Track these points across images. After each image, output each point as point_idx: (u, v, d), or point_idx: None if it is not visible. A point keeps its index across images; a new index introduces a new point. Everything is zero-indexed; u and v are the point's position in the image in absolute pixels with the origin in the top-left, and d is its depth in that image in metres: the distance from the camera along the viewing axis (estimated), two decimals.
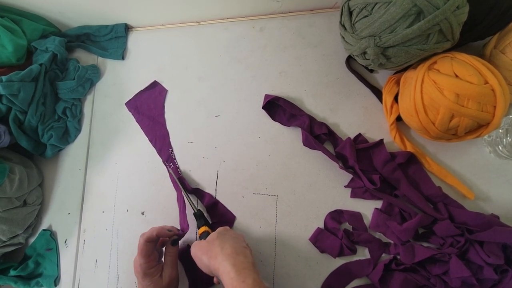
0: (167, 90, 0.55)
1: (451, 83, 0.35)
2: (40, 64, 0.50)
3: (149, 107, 0.55)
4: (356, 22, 0.39)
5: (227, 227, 0.42)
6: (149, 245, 0.41)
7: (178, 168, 0.51)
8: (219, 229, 0.41)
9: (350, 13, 0.41)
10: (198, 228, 0.45)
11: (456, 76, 0.36)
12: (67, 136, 0.55)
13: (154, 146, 0.53)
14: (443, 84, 0.36)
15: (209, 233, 0.43)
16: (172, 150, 0.52)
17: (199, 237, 0.44)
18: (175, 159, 0.52)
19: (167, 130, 0.53)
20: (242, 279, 0.32)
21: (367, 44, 0.38)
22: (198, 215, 0.46)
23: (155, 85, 0.56)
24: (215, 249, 0.36)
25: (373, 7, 0.37)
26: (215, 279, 0.41)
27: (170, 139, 0.53)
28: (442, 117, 0.36)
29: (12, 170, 0.49)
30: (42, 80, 0.51)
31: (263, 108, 0.51)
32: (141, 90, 0.56)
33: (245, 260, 0.34)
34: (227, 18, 0.57)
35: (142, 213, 0.51)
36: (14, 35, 0.50)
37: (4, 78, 0.46)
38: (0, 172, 0.46)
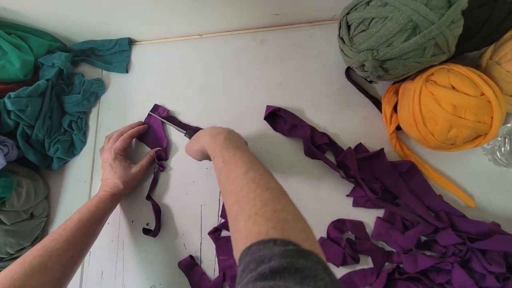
0: (168, 110, 0.56)
1: (448, 95, 0.36)
2: (47, 80, 0.52)
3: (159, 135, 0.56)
4: (354, 36, 0.40)
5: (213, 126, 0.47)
6: (129, 140, 0.51)
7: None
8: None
9: (348, 27, 0.42)
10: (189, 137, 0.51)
11: (453, 87, 0.37)
12: (73, 149, 0.56)
13: None
14: (440, 96, 0.37)
15: None
16: None
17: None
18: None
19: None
20: (215, 140, 0.39)
21: (365, 57, 0.39)
22: (190, 133, 0.52)
23: (156, 108, 0.57)
24: (202, 137, 0.42)
25: (370, 22, 0.38)
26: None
27: (172, 150, 0.54)
28: (441, 128, 0.37)
29: (19, 184, 0.50)
30: (49, 95, 0.52)
31: (264, 119, 0.52)
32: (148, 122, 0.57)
33: (221, 133, 0.40)
34: (228, 31, 0.59)
35: (147, 224, 0.52)
36: (21, 51, 0.52)
37: (12, 94, 0.47)
38: (8, 186, 0.47)
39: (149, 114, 0.56)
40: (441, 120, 0.37)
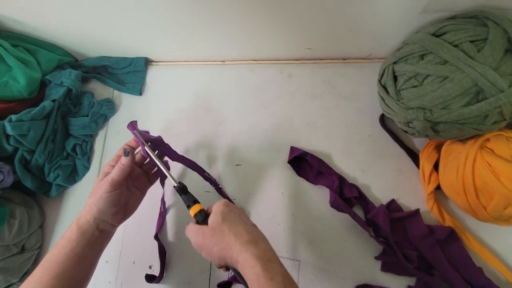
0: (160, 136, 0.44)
1: (509, 169, 0.32)
2: (53, 100, 0.47)
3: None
4: (403, 89, 0.36)
5: (225, 201, 0.35)
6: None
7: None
8: (218, 207, 0.34)
9: (395, 77, 0.38)
10: (188, 207, 0.36)
11: None
12: (74, 175, 0.51)
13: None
14: (500, 169, 0.32)
15: (205, 212, 0.35)
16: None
17: (195, 218, 0.36)
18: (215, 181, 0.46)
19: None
20: (271, 276, 0.27)
21: (415, 116, 0.35)
22: (181, 188, 0.37)
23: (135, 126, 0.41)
24: (226, 237, 0.31)
25: (425, 79, 0.34)
26: (223, 269, 0.33)
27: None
28: (497, 204, 0.33)
29: (12, 214, 0.45)
30: (53, 117, 0.47)
31: (288, 162, 0.47)
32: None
33: (266, 248, 0.30)
34: (254, 60, 0.54)
35: (150, 267, 0.47)
36: (28, 67, 0.47)
37: (14, 117, 0.42)
38: (0, 217, 0.42)
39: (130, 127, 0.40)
40: (498, 196, 0.32)
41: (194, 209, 0.36)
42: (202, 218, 0.35)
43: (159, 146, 0.42)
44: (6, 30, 0.50)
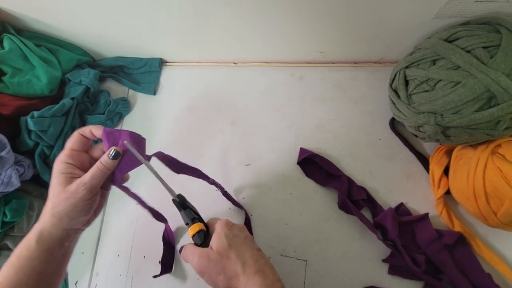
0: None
1: None
2: (72, 98, 0.49)
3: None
4: (413, 94, 0.37)
5: (227, 222, 0.33)
6: (81, 138, 0.33)
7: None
8: (222, 229, 0.31)
9: (406, 82, 0.38)
10: (187, 224, 0.33)
11: None
12: None
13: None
14: (511, 175, 0.32)
15: (205, 233, 0.33)
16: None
17: (193, 239, 0.33)
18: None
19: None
20: None
21: (426, 120, 0.35)
22: (180, 203, 0.33)
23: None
24: (233, 265, 0.29)
25: (436, 83, 0.34)
26: None
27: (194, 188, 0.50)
28: (507, 210, 0.33)
29: (31, 206, 0.47)
30: (72, 114, 0.49)
31: (298, 163, 0.48)
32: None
33: (274, 280, 0.29)
34: (266, 62, 0.55)
35: (159, 262, 0.48)
36: (49, 66, 0.49)
37: (36, 113, 0.44)
38: (20, 209, 0.44)
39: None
40: (508, 202, 0.33)
41: (193, 229, 0.33)
42: (201, 240, 0.32)
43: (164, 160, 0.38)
44: (30, 30, 0.52)
